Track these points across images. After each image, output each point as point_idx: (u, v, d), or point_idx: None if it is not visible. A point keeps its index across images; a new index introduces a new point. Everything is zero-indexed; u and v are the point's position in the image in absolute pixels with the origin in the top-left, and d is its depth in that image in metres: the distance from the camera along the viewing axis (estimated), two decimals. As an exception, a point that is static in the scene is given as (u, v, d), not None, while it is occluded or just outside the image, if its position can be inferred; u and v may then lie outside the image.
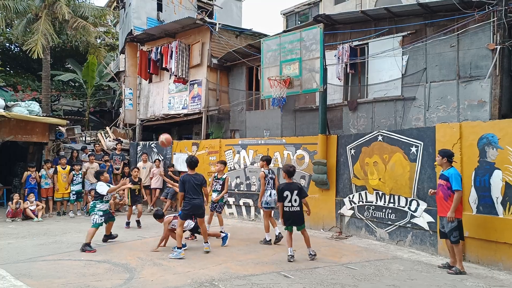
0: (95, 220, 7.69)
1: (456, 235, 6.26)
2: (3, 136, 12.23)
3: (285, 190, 6.96)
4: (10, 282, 5.43)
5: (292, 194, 6.93)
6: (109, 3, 27.45)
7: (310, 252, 6.97)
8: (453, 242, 6.28)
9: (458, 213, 6.31)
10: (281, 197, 6.97)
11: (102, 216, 7.77)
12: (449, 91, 9.27)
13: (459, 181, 6.23)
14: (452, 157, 6.45)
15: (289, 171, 7.16)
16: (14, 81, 22.29)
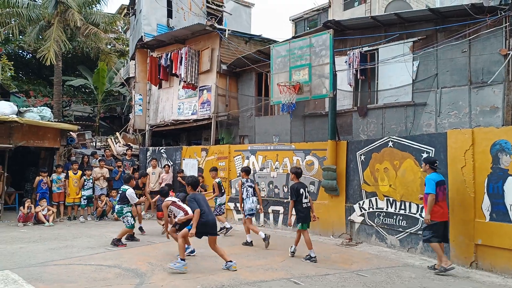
0: (129, 222, 8.58)
1: (426, 234, 6.66)
2: (15, 141, 12.38)
3: (300, 188, 7.44)
4: (22, 286, 5.48)
5: (305, 192, 7.48)
6: (119, 10, 27.75)
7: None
8: (423, 240, 6.86)
9: (437, 216, 6.57)
10: (298, 195, 7.37)
11: (132, 217, 8.66)
12: (461, 96, 9.19)
13: (431, 185, 6.53)
14: (434, 163, 6.78)
15: (297, 172, 7.65)
16: (26, 88, 22.59)
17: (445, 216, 6.69)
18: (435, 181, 6.59)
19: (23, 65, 25.16)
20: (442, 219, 6.63)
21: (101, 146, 17.31)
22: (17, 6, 17.09)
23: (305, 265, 6.95)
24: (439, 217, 6.60)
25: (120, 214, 8.70)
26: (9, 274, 6.08)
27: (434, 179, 6.61)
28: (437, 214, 6.59)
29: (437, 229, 6.61)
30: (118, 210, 8.75)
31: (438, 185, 6.62)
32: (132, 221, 8.65)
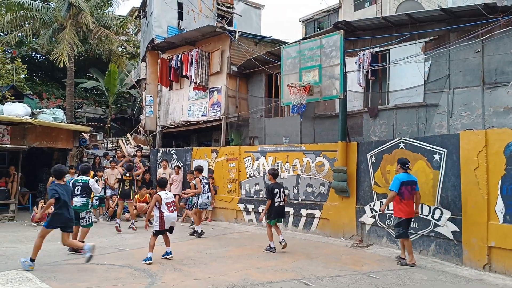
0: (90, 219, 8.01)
1: (397, 231, 7.25)
2: (29, 142, 12.56)
3: (275, 188, 8.19)
4: (36, 285, 5.55)
5: (280, 191, 8.23)
6: (131, 12, 27.99)
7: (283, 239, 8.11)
8: (395, 237, 7.49)
9: (404, 213, 7.10)
10: (272, 194, 8.14)
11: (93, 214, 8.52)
12: (474, 97, 9.10)
13: (396, 184, 7.10)
14: (405, 164, 7.25)
15: (274, 174, 8.43)
16: (40, 90, 22.90)
17: (411, 213, 7.21)
18: (401, 180, 7.11)
19: (36, 67, 25.52)
20: (408, 216, 7.17)
21: (112, 147, 17.46)
22: (31, 9, 17.36)
23: (315, 266, 6.93)
24: (405, 214, 7.14)
25: (85, 209, 7.79)
26: (23, 273, 6.16)
27: (400, 178, 7.13)
28: (403, 212, 7.14)
29: (406, 225, 7.17)
30: (83, 204, 7.76)
31: (405, 184, 7.10)
32: (93, 218, 8.14)
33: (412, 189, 7.16)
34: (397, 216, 7.23)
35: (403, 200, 7.11)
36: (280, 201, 8.27)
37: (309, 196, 10.35)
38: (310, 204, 10.24)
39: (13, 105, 12.66)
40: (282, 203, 8.35)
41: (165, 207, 7.28)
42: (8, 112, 12.17)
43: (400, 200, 7.14)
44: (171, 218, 7.34)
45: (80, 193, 7.78)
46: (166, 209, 7.28)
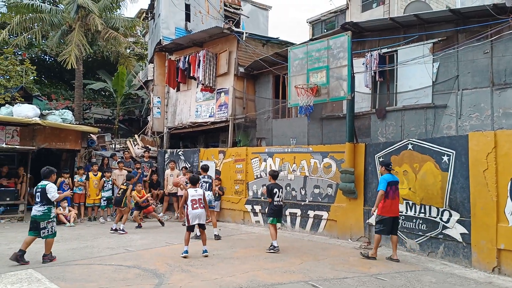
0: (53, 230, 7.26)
1: (378, 227, 7.68)
2: (38, 143, 12.66)
3: (274, 188, 8.47)
4: (45, 285, 5.60)
5: (278, 191, 8.50)
6: (138, 14, 28.15)
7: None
8: (375, 232, 7.80)
9: (386, 211, 7.52)
10: (272, 194, 8.43)
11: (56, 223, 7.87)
12: (483, 98, 9.03)
13: (384, 184, 7.51)
14: (389, 166, 7.77)
15: (274, 175, 8.72)
16: (48, 91, 23.09)
17: (394, 212, 7.63)
18: (387, 180, 7.53)
19: (45, 69, 25.73)
20: (390, 215, 7.58)
21: (120, 148, 17.55)
22: (40, 11, 17.51)
23: (323, 268, 6.91)
24: (387, 212, 7.56)
25: (46, 218, 7.04)
26: (32, 273, 6.22)
27: (387, 179, 7.56)
28: (386, 210, 7.56)
29: (387, 223, 7.59)
30: (44, 213, 7.04)
31: (390, 184, 7.54)
32: (56, 228, 7.24)
33: (396, 189, 7.65)
34: (379, 214, 7.63)
35: (387, 199, 7.54)
36: (279, 200, 8.54)
37: (316, 198, 10.33)
38: (318, 205, 10.22)
39: (23, 107, 12.77)
40: (281, 203, 8.65)
41: (190, 204, 7.71)
42: (17, 114, 12.28)
43: (384, 199, 7.53)
44: (194, 214, 7.70)
45: (40, 201, 7.09)
46: (191, 205, 7.70)
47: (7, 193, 12.25)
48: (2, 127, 12.16)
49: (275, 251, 8.14)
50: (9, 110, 12.54)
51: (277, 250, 8.17)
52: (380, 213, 7.62)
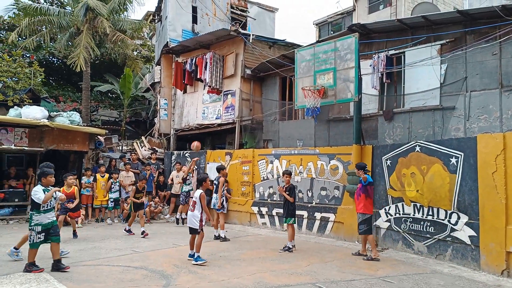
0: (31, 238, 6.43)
1: (362, 228, 7.94)
2: (46, 145, 12.76)
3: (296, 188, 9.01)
4: (53, 286, 5.63)
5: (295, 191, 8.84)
6: (145, 16, 28.30)
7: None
8: (359, 233, 8.10)
9: (368, 210, 7.97)
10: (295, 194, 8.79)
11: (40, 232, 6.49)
12: (491, 100, 8.96)
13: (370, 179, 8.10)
14: (365, 168, 8.05)
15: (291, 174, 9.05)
16: (56, 93, 23.27)
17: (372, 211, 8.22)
18: (370, 180, 8.06)
19: (53, 71, 25.95)
20: (371, 213, 8.12)
21: (127, 150, 17.64)
22: (49, 14, 17.69)
23: (330, 270, 6.89)
24: (370, 210, 8.04)
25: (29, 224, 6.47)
26: (41, 273, 6.26)
27: (370, 179, 8.08)
28: (369, 209, 8.00)
29: (370, 222, 8.06)
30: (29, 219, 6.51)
31: (370, 184, 8.04)
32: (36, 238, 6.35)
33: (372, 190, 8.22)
34: (364, 212, 7.94)
35: (369, 198, 8.02)
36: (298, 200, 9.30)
37: (323, 200, 10.30)
38: (324, 207, 10.19)
39: (31, 108, 12.89)
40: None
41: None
42: (26, 115, 12.40)
43: (365, 197, 7.96)
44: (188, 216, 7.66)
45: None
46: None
47: (15, 194, 12.39)
48: (11, 129, 12.28)
49: (290, 251, 8.34)
50: (17, 112, 12.67)
51: (291, 250, 8.42)
52: (365, 212, 7.96)
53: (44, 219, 6.44)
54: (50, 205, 6.54)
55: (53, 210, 6.63)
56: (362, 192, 8.03)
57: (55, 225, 6.62)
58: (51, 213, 6.57)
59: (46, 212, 6.47)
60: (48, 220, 6.49)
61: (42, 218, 6.41)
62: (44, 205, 6.40)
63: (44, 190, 6.49)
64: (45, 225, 6.43)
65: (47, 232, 6.47)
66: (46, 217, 6.46)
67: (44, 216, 6.43)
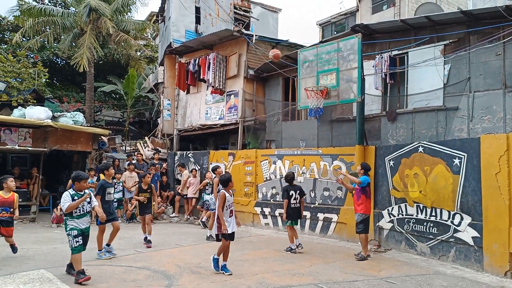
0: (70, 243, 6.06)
1: (360, 227, 7.97)
2: (50, 145, 12.82)
3: (290, 190, 8.59)
4: (56, 285, 5.66)
5: (295, 193, 8.59)
6: (149, 17, 28.36)
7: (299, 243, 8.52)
8: (357, 232, 8.07)
9: (368, 210, 8.03)
10: (288, 196, 8.54)
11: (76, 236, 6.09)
12: (495, 101, 8.93)
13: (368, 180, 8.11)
14: (368, 170, 8.18)
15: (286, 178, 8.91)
16: (60, 93, 23.35)
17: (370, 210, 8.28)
18: (369, 181, 8.11)
19: (57, 72, 26.03)
20: (370, 213, 8.18)
21: (130, 150, 17.69)
22: (53, 15, 17.76)
23: (332, 271, 6.89)
24: (369, 211, 8.10)
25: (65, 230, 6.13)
26: (44, 273, 6.29)
27: (368, 179, 8.11)
28: (368, 209, 8.06)
29: (368, 221, 8.13)
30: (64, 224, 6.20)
31: (369, 185, 8.10)
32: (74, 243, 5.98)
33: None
34: (365, 213, 7.97)
35: (368, 198, 8.08)
36: (295, 202, 8.59)
37: (326, 200, 10.29)
38: (327, 208, 10.18)
39: (35, 109, 12.96)
40: (297, 205, 8.63)
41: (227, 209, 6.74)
42: (30, 116, 12.46)
43: (366, 198, 7.99)
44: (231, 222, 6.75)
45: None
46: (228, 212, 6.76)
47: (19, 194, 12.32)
48: (15, 129, 12.34)
49: (292, 252, 8.33)
50: (21, 112, 12.74)
51: (293, 251, 8.36)
52: (364, 212, 7.97)
53: (80, 224, 6.07)
54: (83, 209, 6.14)
55: (87, 215, 6.23)
56: (362, 193, 8.02)
57: (87, 235, 6.26)
58: (85, 219, 6.17)
59: (80, 217, 6.08)
60: (83, 226, 6.12)
61: (76, 223, 6.05)
62: (76, 210, 6.04)
63: (74, 195, 6.05)
64: (81, 229, 6.07)
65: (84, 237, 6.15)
66: (81, 223, 6.08)
67: (78, 221, 6.06)
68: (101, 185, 7.71)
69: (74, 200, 5.97)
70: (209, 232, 9.78)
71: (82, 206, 6.10)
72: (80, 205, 6.06)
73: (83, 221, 6.12)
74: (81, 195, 6.10)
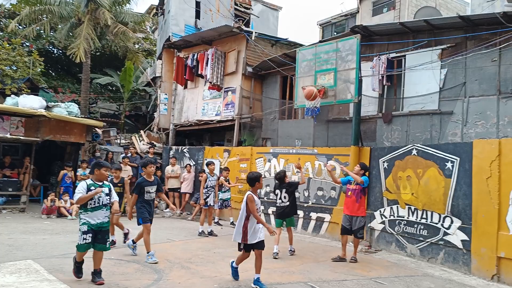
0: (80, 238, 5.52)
1: (361, 233, 7.86)
2: (43, 135, 12.74)
3: (276, 189, 8.33)
4: (43, 276, 5.61)
5: (281, 193, 8.19)
6: (148, 10, 28.25)
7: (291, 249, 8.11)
8: (358, 237, 7.77)
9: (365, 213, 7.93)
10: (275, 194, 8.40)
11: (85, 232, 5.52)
12: (489, 106, 8.98)
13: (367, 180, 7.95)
14: (367, 170, 8.16)
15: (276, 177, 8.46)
16: (55, 84, 23.19)
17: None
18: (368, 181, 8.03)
19: (53, 62, 25.85)
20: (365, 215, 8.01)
21: (125, 143, 17.63)
22: (49, 3, 17.61)
23: (322, 270, 6.91)
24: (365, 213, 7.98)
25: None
26: (31, 263, 6.24)
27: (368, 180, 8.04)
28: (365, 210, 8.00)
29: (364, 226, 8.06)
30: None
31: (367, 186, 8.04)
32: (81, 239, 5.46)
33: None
34: (363, 215, 7.84)
35: (365, 200, 8.02)
36: (281, 202, 8.15)
37: (319, 200, 10.32)
38: (320, 207, 10.21)
39: (29, 98, 12.85)
40: (283, 204, 8.13)
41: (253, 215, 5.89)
42: (23, 104, 12.35)
43: (364, 199, 7.91)
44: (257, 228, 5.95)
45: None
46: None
47: (9, 183, 12.29)
48: (7, 117, 12.24)
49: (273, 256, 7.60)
50: (14, 101, 12.63)
51: (274, 255, 7.61)
52: (363, 215, 7.83)
53: (93, 218, 5.46)
54: (99, 201, 5.50)
55: (104, 208, 5.55)
56: (363, 195, 7.81)
57: (104, 230, 5.61)
58: (101, 212, 5.52)
59: (94, 210, 5.47)
60: (98, 220, 5.49)
61: (89, 217, 5.45)
62: (91, 202, 5.44)
63: (91, 185, 5.49)
64: (92, 225, 5.46)
65: (96, 235, 5.52)
66: (95, 216, 5.47)
67: (92, 214, 5.45)
68: (138, 183, 7.04)
69: (90, 190, 5.43)
70: (201, 227, 9.76)
71: (99, 197, 5.49)
72: (97, 196, 5.46)
73: (97, 215, 5.49)
74: (98, 185, 5.53)
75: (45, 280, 5.46)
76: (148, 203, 7.06)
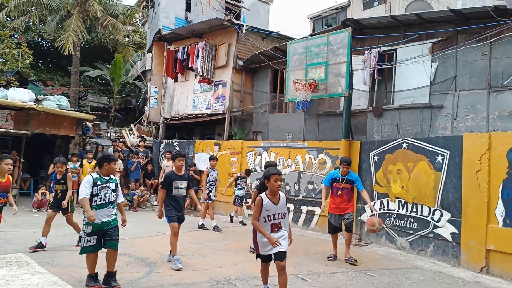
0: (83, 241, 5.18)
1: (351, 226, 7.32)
2: (32, 128, 12.60)
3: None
4: (34, 269, 5.58)
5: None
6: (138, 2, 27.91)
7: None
8: (350, 231, 7.28)
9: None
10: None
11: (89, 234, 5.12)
12: (479, 100, 9.06)
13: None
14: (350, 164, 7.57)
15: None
16: (44, 77, 22.90)
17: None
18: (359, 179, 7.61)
19: (42, 54, 25.49)
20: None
21: (115, 137, 17.50)
22: (39, -5, 17.32)
23: (313, 263, 6.94)
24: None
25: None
26: (22, 256, 6.21)
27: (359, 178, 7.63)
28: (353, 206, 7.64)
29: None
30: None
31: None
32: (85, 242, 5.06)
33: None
34: (353, 211, 7.46)
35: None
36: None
37: (310, 193, 10.35)
38: (311, 201, 10.25)
39: (18, 91, 12.69)
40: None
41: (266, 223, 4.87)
42: (12, 97, 12.20)
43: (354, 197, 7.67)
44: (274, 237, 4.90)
45: None
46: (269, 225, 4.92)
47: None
48: (-4, 111, 12.08)
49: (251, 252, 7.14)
50: (3, 94, 12.45)
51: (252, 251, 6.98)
52: (353, 210, 7.53)
53: (98, 216, 4.98)
54: (106, 198, 5.09)
55: (110, 205, 5.13)
56: (353, 192, 7.40)
57: (112, 227, 5.14)
58: (106, 210, 5.08)
59: (100, 207, 5.03)
60: (103, 219, 5.04)
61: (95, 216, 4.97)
62: (96, 198, 5.02)
63: (97, 180, 5.08)
64: (97, 225, 5.00)
65: (101, 235, 5.08)
66: (99, 215, 5.00)
67: (97, 212, 4.98)
68: (167, 176, 6.42)
69: (96, 185, 5.03)
70: (201, 220, 9.84)
71: (105, 194, 5.08)
72: (103, 192, 5.06)
73: (103, 213, 5.06)
74: (105, 180, 5.14)
75: (36, 273, 5.43)
76: (176, 200, 6.38)
